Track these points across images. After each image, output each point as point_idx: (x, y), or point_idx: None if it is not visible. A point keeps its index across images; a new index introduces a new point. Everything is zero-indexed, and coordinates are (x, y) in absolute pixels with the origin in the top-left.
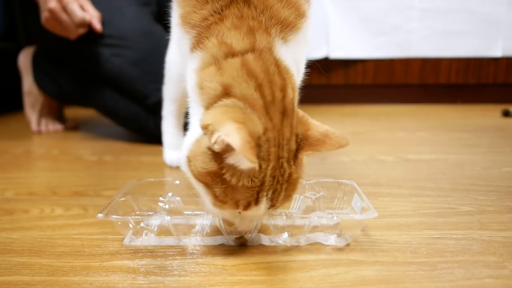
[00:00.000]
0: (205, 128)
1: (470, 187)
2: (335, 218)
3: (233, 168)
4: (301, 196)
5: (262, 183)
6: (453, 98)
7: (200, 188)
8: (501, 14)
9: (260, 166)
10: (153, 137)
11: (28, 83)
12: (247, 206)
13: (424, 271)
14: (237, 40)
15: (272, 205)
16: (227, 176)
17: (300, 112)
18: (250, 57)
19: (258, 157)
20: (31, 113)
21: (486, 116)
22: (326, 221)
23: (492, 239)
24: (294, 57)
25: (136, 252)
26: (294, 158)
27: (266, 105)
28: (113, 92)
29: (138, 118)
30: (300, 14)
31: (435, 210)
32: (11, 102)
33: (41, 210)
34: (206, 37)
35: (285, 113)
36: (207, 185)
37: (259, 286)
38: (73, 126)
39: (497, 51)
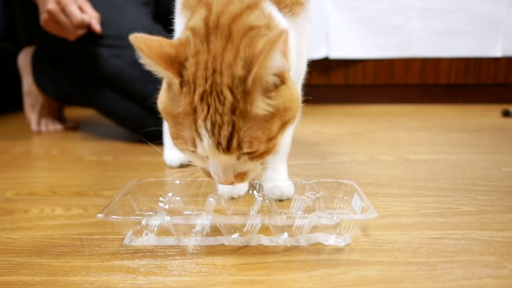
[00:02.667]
0: None
1: (470, 187)
2: (335, 218)
3: (173, 94)
4: (301, 196)
5: (195, 111)
6: (453, 98)
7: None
8: (501, 14)
9: (182, 86)
10: (153, 137)
11: (28, 83)
12: (192, 141)
13: (424, 271)
14: None
15: (218, 142)
16: (168, 106)
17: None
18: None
19: (182, 80)
20: (31, 113)
21: (486, 116)
22: (326, 221)
23: (492, 239)
24: (293, 34)
25: (136, 252)
26: (243, 85)
27: (208, 32)
28: (112, 93)
29: (137, 118)
30: (298, 2)
31: (435, 210)
32: (11, 102)
33: (41, 210)
34: (196, 7)
35: (230, 37)
36: (167, 122)
37: (259, 286)
38: (73, 126)
39: (497, 51)
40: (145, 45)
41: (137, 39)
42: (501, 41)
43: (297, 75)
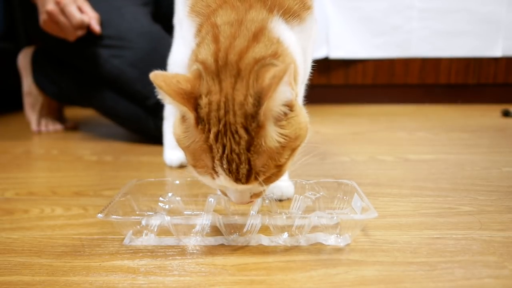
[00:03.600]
0: None
1: (470, 187)
2: (335, 218)
3: (186, 127)
4: (301, 196)
5: (211, 149)
6: (453, 98)
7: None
8: (501, 14)
9: (197, 122)
10: (153, 137)
11: (27, 83)
12: (212, 175)
13: (424, 271)
14: (223, 17)
15: (237, 178)
16: (184, 137)
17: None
18: (223, 26)
19: (198, 115)
20: (31, 113)
21: (486, 116)
22: (326, 221)
23: (492, 239)
24: (300, 43)
25: (136, 252)
26: (255, 120)
27: (218, 70)
28: (112, 93)
29: (137, 118)
30: (305, 6)
31: (435, 210)
32: (11, 102)
33: (41, 210)
34: (205, 23)
35: (238, 75)
36: (184, 151)
37: (259, 286)
38: (73, 126)
39: (497, 51)
40: (164, 83)
41: (157, 77)
42: (501, 41)
43: (301, 78)
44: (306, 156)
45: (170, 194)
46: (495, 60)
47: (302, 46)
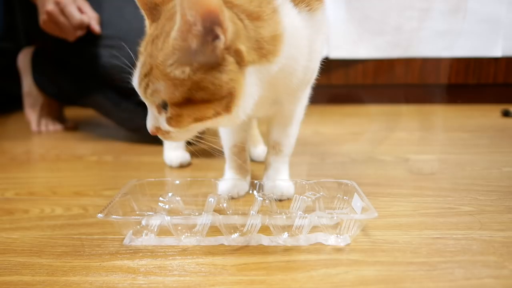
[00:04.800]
0: None
1: (470, 187)
2: (335, 218)
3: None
4: (301, 196)
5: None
6: (453, 98)
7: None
8: (501, 14)
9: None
10: (153, 137)
11: (27, 83)
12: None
13: (424, 271)
14: None
15: (139, 82)
16: None
17: None
18: None
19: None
20: (31, 113)
21: (486, 116)
22: (326, 221)
23: (492, 239)
24: (306, 33)
25: (136, 252)
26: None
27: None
28: (112, 92)
29: (137, 118)
30: None
31: (435, 210)
32: (11, 102)
33: (41, 210)
34: None
35: (171, 18)
36: None
37: (259, 286)
38: (73, 126)
39: (497, 51)
40: None
41: None
42: (501, 41)
43: (308, 76)
44: (306, 156)
45: (170, 194)
46: (495, 60)
47: (309, 36)
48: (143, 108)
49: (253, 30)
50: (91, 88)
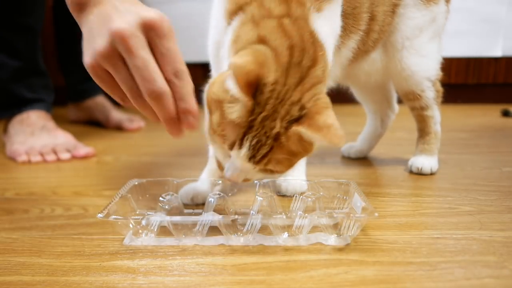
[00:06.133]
0: (229, 57)
1: (470, 187)
2: (335, 218)
3: (233, 101)
4: (301, 196)
5: (250, 127)
6: (453, 98)
7: (206, 114)
8: (501, 14)
9: (253, 109)
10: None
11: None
12: (231, 145)
13: (424, 271)
14: (274, 5)
15: (253, 155)
16: (225, 107)
17: (326, 99)
18: (286, 20)
19: (256, 99)
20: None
21: (486, 116)
22: (326, 221)
23: (492, 239)
24: (331, 27)
25: (136, 252)
26: (290, 124)
27: (290, 64)
28: None
29: None
30: None
31: (435, 210)
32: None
33: (41, 210)
34: (246, 3)
35: (303, 80)
36: (210, 111)
37: (259, 286)
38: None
39: (497, 51)
40: (240, 79)
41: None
42: (501, 41)
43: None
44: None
45: (170, 194)
46: (495, 60)
47: (332, 29)
48: None
49: None
50: None
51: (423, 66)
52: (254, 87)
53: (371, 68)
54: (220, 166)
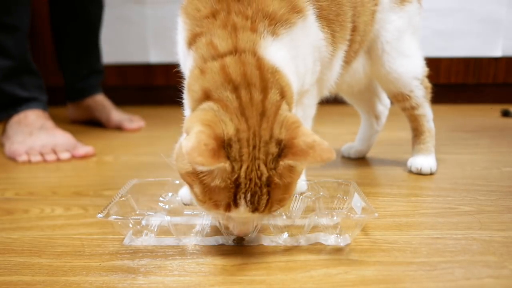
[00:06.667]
0: (184, 132)
1: (470, 187)
2: (335, 218)
3: (208, 171)
4: (301, 196)
5: (238, 185)
6: (453, 98)
7: (186, 187)
8: (501, 14)
9: (232, 167)
10: None
11: None
12: (227, 208)
13: (424, 271)
14: (222, 41)
15: (256, 208)
16: (203, 178)
17: (292, 117)
18: (229, 59)
19: (229, 157)
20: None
21: (486, 116)
22: (326, 221)
23: (492, 239)
24: (292, 53)
25: (136, 252)
26: (275, 162)
27: (242, 107)
28: None
29: None
30: (294, 9)
31: (435, 210)
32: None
33: (41, 210)
34: (199, 34)
35: (264, 114)
36: (189, 184)
37: (259, 286)
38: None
39: (497, 51)
40: (202, 158)
41: (195, 158)
42: (501, 41)
43: (296, 93)
44: None
45: (170, 194)
46: (495, 60)
47: (293, 55)
48: None
49: None
50: None
51: (409, 66)
52: (220, 151)
53: (352, 79)
54: (225, 227)
